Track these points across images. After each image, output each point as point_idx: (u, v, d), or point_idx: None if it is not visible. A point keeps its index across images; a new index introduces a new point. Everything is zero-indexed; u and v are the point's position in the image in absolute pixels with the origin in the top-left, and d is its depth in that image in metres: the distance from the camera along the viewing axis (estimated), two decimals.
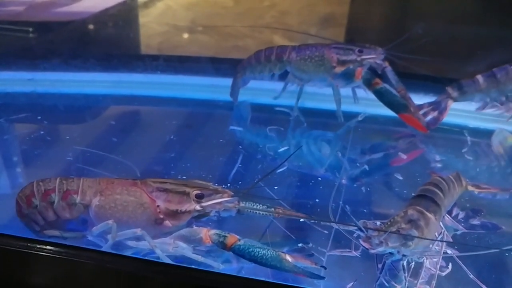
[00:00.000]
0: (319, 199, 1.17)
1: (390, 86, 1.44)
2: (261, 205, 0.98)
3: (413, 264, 0.86)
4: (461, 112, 1.61)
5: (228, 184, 1.09)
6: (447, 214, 1.07)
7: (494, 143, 1.43)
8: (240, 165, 1.31)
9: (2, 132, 1.56)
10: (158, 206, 0.95)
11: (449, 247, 0.96)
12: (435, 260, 0.87)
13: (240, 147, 1.42)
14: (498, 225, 1.09)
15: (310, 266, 0.89)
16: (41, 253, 0.90)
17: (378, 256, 0.86)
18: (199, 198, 0.95)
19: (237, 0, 3.07)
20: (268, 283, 0.87)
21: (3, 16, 2.23)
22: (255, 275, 0.90)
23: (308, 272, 0.88)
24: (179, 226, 0.95)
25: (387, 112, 1.44)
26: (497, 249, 0.95)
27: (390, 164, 1.40)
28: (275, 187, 1.14)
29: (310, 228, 1.03)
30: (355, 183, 1.26)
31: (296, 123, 1.52)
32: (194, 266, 0.93)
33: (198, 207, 0.95)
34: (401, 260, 0.84)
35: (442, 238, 0.90)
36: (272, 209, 0.99)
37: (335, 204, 1.12)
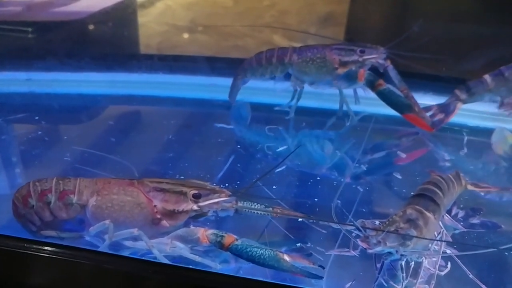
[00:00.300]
0: (318, 198, 1.16)
1: (392, 86, 1.42)
2: (259, 204, 0.97)
3: (413, 264, 0.85)
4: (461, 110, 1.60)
5: (226, 184, 1.08)
6: (446, 213, 1.06)
7: (494, 142, 1.42)
8: (239, 165, 1.31)
9: (0, 132, 1.56)
10: (155, 206, 0.94)
11: (448, 247, 0.95)
12: (434, 259, 0.87)
13: (239, 146, 1.42)
14: (497, 224, 1.09)
15: (309, 266, 0.88)
16: (38, 254, 0.89)
17: (377, 256, 0.85)
18: (197, 198, 0.95)
19: None
20: (266, 283, 0.86)
21: (0, 16, 2.22)
22: (253, 275, 0.90)
23: (306, 272, 0.87)
24: (177, 226, 0.95)
25: (387, 111, 1.43)
26: (495, 248, 0.95)
27: (393, 163, 1.38)
28: (274, 186, 1.13)
29: (309, 228, 1.03)
30: (356, 182, 1.25)
31: (296, 122, 1.52)
32: (191, 266, 0.92)
33: (195, 207, 0.94)
34: (400, 260, 0.83)
35: (441, 238, 0.90)
36: (270, 209, 0.98)
37: (335, 204, 1.14)
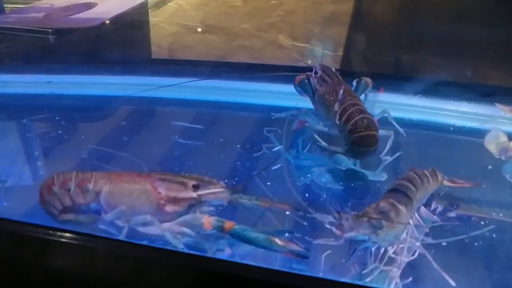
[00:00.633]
0: (308, 193, 1.27)
1: None
2: (250, 196, 1.12)
3: (382, 250, 0.96)
4: (448, 112, 1.69)
5: (226, 180, 1.20)
6: (423, 207, 1.15)
7: (487, 142, 1.43)
8: (238, 163, 1.40)
9: (25, 131, 1.67)
10: (159, 193, 1.08)
11: (422, 236, 1.06)
12: (402, 246, 0.98)
13: (238, 146, 1.50)
14: (471, 217, 1.18)
15: (296, 249, 0.99)
16: (60, 240, 0.99)
17: (353, 243, 0.97)
18: (196, 187, 1.09)
19: None
20: (265, 269, 0.94)
21: (24, 23, 2.33)
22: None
23: (295, 251, 0.98)
24: (179, 212, 1.08)
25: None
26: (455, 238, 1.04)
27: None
28: (268, 183, 1.24)
29: (298, 221, 1.13)
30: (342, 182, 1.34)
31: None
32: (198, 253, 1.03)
33: (194, 195, 1.08)
34: (371, 247, 0.95)
35: (410, 229, 1.01)
36: (258, 202, 1.12)
37: (322, 198, 1.25)
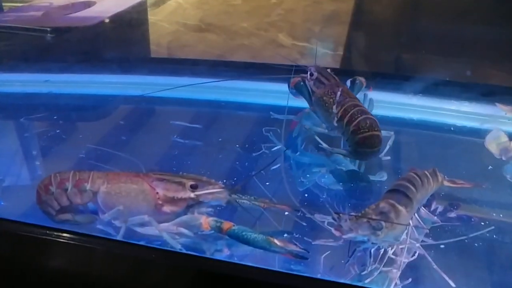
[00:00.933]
0: (307, 194, 1.27)
1: None
2: (248, 196, 1.10)
3: (382, 251, 0.95)
4: (449, 111, 1.68)
5: (224, 180, 1.20)
6: (423, 207, 1.14)
7: (488, 143, 1.41)
8: (237, 163, 1.40)
9: (22, 130, 1.66)
10: (157, 193, 1.06)
11: (422, 237, 1.05)
12: (401, 247, 0.97)
13: (237, 145, 1.49)
14: (472, 217, 1.18)
15: (295, 250, 0.97)
16: (57, 240, 0.98)
17: (352, 243, 0.96)
18: (194, 188, 1.07)
19: None
20: (264, 270, 0.93)
21: (22, 22, 2.32)
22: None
23: (294, 252, 0.97)
24: (177, 212, 1.07)
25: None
26: (450, 239, 1.03)
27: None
28: (267, 183, 1.23)
29: (297, 222, 1.11)
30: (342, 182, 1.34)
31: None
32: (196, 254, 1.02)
33: (192, 195, 1.07)
34: (370, 248, 0.93)
35: (410, 230, 1.00)
36: (257, 202, 1.11)
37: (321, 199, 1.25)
